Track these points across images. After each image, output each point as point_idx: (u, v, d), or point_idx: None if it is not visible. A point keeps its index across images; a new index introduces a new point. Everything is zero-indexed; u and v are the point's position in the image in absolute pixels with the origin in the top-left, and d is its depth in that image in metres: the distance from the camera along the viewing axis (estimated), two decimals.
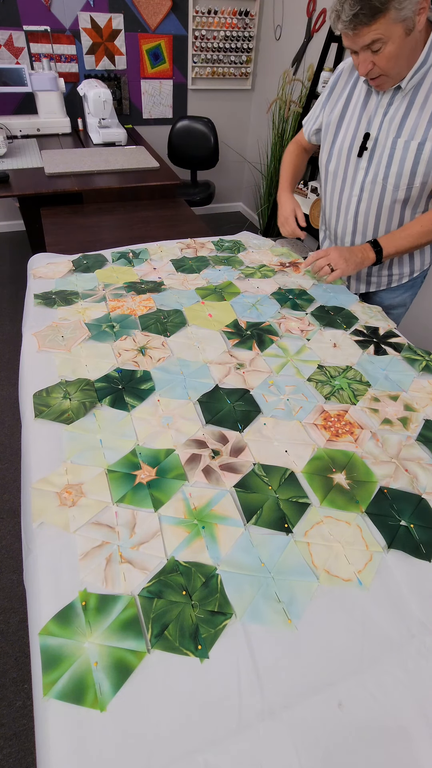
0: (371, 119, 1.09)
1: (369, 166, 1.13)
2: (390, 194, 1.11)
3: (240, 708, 0.48)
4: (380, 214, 1.17)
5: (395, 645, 0.53)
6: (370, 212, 1.18)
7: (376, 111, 1.08)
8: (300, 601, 0.56)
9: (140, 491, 0.67)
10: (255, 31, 3.12)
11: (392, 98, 1.04)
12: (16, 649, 1.26)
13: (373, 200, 1.15)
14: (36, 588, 0.57)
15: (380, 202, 1.14)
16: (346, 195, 1.21)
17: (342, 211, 1.24)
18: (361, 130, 1.11)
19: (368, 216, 1.19)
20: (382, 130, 1.07)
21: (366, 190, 1.15)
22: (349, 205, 1.21)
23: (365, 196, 1.16)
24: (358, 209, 1.20)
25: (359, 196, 1.17)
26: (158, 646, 0.51)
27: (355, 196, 1.18)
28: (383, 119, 1.07)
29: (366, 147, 1.11)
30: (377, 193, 1.14)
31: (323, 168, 1.27)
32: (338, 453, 0.75)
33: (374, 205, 1.16)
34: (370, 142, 1.10)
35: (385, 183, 1.11)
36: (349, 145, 1.15)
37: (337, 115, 1.16)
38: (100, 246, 1.43)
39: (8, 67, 2.35)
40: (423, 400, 0.86)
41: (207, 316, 1.06)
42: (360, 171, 1.15)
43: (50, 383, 0.85)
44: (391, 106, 1.05)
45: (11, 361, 2.25)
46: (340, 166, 1.20)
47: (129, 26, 2.86)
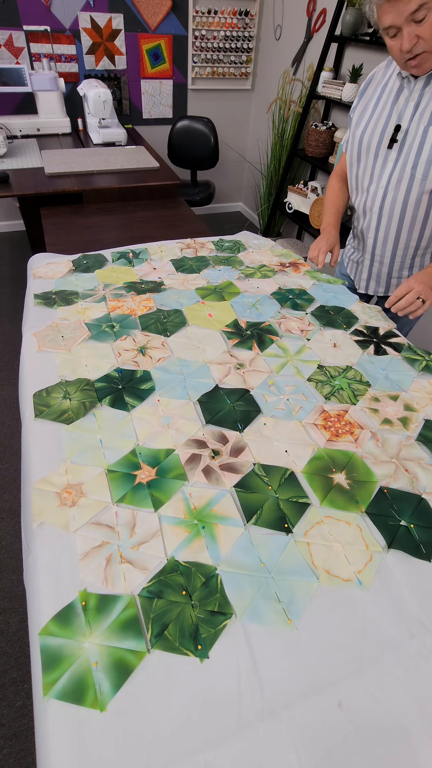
0: (402, 112, 1.09)
1: (398, 157, 1.12)
2: (418, 184, 1.11)
3: (240, 708, 0.48)
4: (406, 207, 1.16)
5: (395, 645, 0.53)
6: (395, 205, 1.17)
7: (407, 104, 1.08)
8: (300, 601, 0.56)
9: (140, 491, 0.67)
10: (255, 31, 3.12)
11: (423, 89, 1.05)
12: (16, 649, 1.26)
13: (400, 192, 1.15)
14: (36, 588, 0.57)
15: (407, 193, 1.14)
16: (373, 190, 1.20)
17: (368, 206, 1.24)
18: (392, 122, 1.11)
19: (393, 209, 1.18)
20: (413, 120, 1.07)
21: (393, 181, 1.15)
22: (374, 199, 1.21)
23: (392, 188, 1.16)
24: (383, 202, 1.19)
25: (385, 189, 1.17)
26: (158, 646, 0.51)
27: (382, 189, 1.18)
28: (415, 110, 1.07)
29: (396, 139, 1.11)
30: (404, 184, 1.13)
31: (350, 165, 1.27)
32: (338, 453, 0.75)
33: (400, 197, 1.15)
34: (401, 134, 1.10)
35: (414, 172, 1.10)
36: (379, 137, 1.15)
37: (369, 113, 1.17)
38: (100, 246, 1.43)
39: (8, 67, 2.35)
40: (423, 400, 0.86)
41: (207, 316, 1.06)
42: (389, 163, 1.15)
43: (50, 383, 0.85)
44: (423, 97, 1.05)
45: (11, 361, 2.25)
46: (369, 160, 1.19)
47: (129, 26, 2.86)
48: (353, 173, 1.27)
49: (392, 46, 0.98)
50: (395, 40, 0.96)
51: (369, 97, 1.18)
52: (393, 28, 0.93)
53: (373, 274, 1.34)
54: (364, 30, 2.16)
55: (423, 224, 1.18)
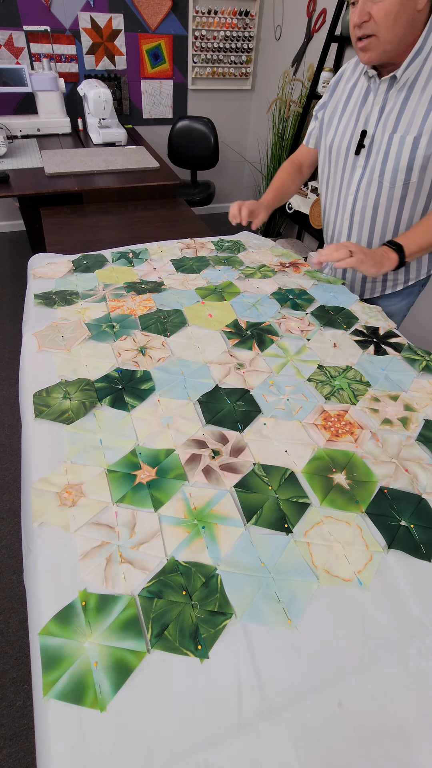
0: (368, 116, 1.08)
1: (366, 164, 1.11)
2: (386, 191, 1.10)
3: (240, 708, 0.48)
4: (376, 213, 1.16)
5: (395, 645, 0.53)
6: (366, 211, 1.17)
7: (373, 107, 1.06)
8: (300, 601, 0.56)
9: (140, 491, 0.67)
10: (255, 31, 3.12)
11: (387, 93, 1.03)
12: (16, 649, 1.26)
13: (369, 198, 1.14)
14: (36, 588, 0.57)
15: (376, 200, 1.13)
16: (343, 194, 1.20)
17: (339, 210, 1.24)
18: (359, 127, 1.10)
19: (364, 215, 1.18)
20: (379, 126, 1.06)
21: (362, 188, 1.14)
22: (345, 204, 1.21)
23: (361, 194, 1.15)
24: (354, 208, 1.19)
25: (355, 195, 1.17)
26: (158, 646, 0.51)
27: (352, 195, 1.17)
28: (380, 115, 1.05)
29: (363, 145, 1.10)
30: (373, 191, 1.12)
31: (322, 169, 1.27)
32: (338, 453, 0.75)
33: (370, 203, 1.15)
34: (367, 140, 1.09)
35: (381, 180, 1.09)
36: (347, 143, 1.13)
37: (338, 115, 1.16)
38: (100, 246, 1.43)
39: (8, 67, 2.35)
40: (423, 400, 0.86)
41: (207, 316, 1.06)
42: (357, 169, 1.14)
43: (50, 383, 0.85)
44: (387, 102, 1.04)
45: (11, 361, 2.25)
46: (339, 166, 1.19)
47: (129, 26, 2.86)
48: (324, 177, 1.27)
49: (350, 20, 0.95)
50: (353, 13, 0.93)
51: (338, 96, 1.16)
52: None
53: (348, 279, 1.34)
54: None
55: (395, 230, 1.17)
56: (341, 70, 1.18)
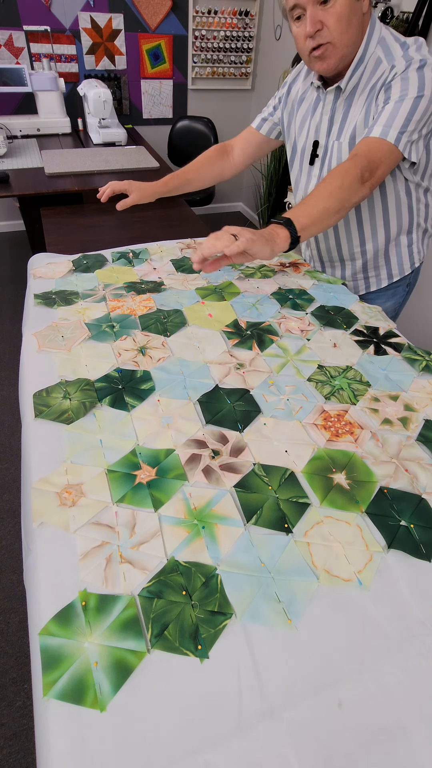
0: (318, 127, 1.10)
1: (320, 173, 1.14)
2: None
3: (240, 708, 0.48)
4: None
5: (395, 645, 0.53)
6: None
7: (322, 118, 1.09)
8: (300, 601, 0.56)
9: (140, 491, 0.67)
10: (255, 31, 3.12)
11: (335, 104, 1.05)
12: (16, 649, 1.26)
13: None
14: (36, 588, 0.57)
15: None
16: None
17: None
18: (311, 138, 1.13)
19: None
20: (330, 135, 1.09)
21: None
22: None
23: None
24: None
25: None
26: (158, 646, 0.51)
27: None
28: (330, 125, 1.08)
29: (317, 154, 1.12)
30: None
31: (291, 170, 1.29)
32: (338, 453, 0.75)
33: None
34: (320, 150, 1.11)
35: None
36: (301, 155, 1.17)
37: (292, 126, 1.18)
38: (100, 246, 1.43)
39: (8, 67, 2.35)
40: (423, 400, 0.86)
41: (207, 316, 1.06)
42: (312, 179, 1.17)
43: (50, 383, 0.85)
44: (335, 111, 1.06)
45: (11, 361, 2.25)
46: (300, 177, 1.22)
47: (129, 26, 2.86)
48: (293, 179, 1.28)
49: (297, 34, 0.93)
50: (300, 26, 0.90)
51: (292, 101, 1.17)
52: (298, 8, 0.88)
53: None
54: None
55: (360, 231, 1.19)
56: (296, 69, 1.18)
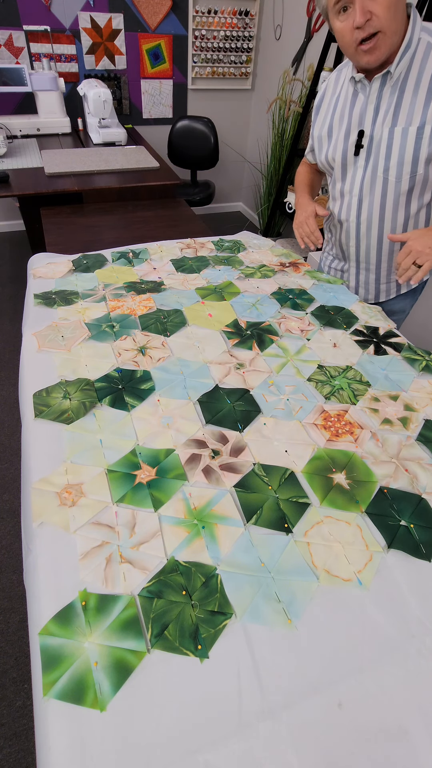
0: (362, 116, 1.06)
1: (367, 163, 1.09)
2: (393, 187, 1.08)
3: (240, 708, 0.48)
4: (384, 211, 1.13)
5: (395, 645, 0.53)
6: (373, 211, 1.14)
7: (367, 107, 1.05)
8: (300, 601, 0.56)
9: (140, 491, 0.67)
10: (255, 31, 3.12)
11: (381, 90, 1.02)
12: (16, 649, 1.26)
13: (375, 197, 1.12)
14: (36, 588, 0.57)
15: (383, 197, 1.11)
16: (346, 199, 1.18)
17: (343, 215, 1.21)
18: (354, 129, 1.08)
19: (371, 215, 1.15)
20: (376, 123, 1.05)
21: (366, 187, 1.12)
22: (350, 208, 1.18)
23: (366, 193, 1.13)
24: (360, 210, 1.16)
25: (359, 196, 1.14)
26: (158, 646, 0.51)
27: (356, 197, 1.15)
28: (376, 113, 1.04)
29: (362, 145, 1.08)
30: (379, 189, 1.10)
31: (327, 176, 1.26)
32: (338, 453, 0.75)
33: (377, 202, 1.12)
34: (366, 139, 1.07)
35: (386, 176, 1.07)
36: (343, 147, 1.12)
37: (327, 127, 1.15)
38: (100, 246, 1.43)
39: (8, 66, 2.35)
40: (423, 400, 0.86)
41: (207, 316, 1.06)
42: (358, 169, 1.12)
43: (50, 383, 0.85)
44: (381, 98, 1.02)
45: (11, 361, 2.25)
46: (338, 173, 1.17)
47: (129, 26, 2.86)
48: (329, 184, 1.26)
49: (342, 29, 0.92)
50: (346, 20, 0.90)
51: (326, 110, 1.16)
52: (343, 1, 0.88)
53: (361, 281, 1.32)
54: None
55: (404, 226, 1.14)
56: (324, 85, 1.17)
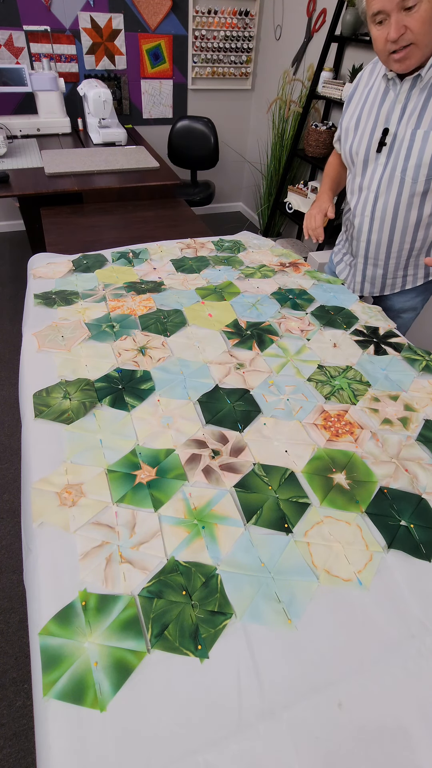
0: (389, 114, 1.09)
1: (387, 161, 1.12)
2: (408, 188, 1.11)
3: (240, 708, 0.48)
4: (398, 210, 1.16)
5: (395, 645, 0.53)
6: (387, 208, 1.17)
7: (394, 106, 1.07)
8: (300, 601, 0.56)
9: (140, 491, 0.67)
10: (255, 31, 3.12)
11: (410, 92, 1.04)
12: (16, 649, 1.26)
13: (391, 195, 1.15)
14: (36, 588, 0.57)
15: (398, 196, 1.14)
16: (364, 194, 1.21)
17: (360, 208, 1.24)
18: (380, 126, 1.11)
19: (385, 212, 1.18)
20: (401, 123, 1.07)
21: (384, 185, 1.15)
22: (366, 203, 1.21)
23: (383, 191, 1.16)
24: (375, 206, 1.19)
25: (376, 192, 1.17)
26: (158, 646, 0.51)
27: (373, 192, 1.18)
28: (402, 113, 1.06)
29: (385, 143, 1.11)
30: (395, 188, 1.13)
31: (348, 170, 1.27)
32: (338, 453, 0.75)
33: (392, 200, 1.15)
34: (389, 138, 1.10)
35: (404, 176, 1.10)
36: (368, 142, 1.14)
37: (355, 119, 1.17)
38: (100, 246, 1.43)
39: (8, 67, 2.35)
40: (423, 400, 0.86)
41: (207, 316, 1.06)
42: (378, 167, 1.15)
43: (50, 383, 0.85)
44: (409, 99, 1.05)
45: (11, 361, 2.25)
46: (359, 167, 1.19)
47: (129, 26, 2.86)
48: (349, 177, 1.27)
49: (377, 37, 0.97)
50: (381, 30, 0.94)
51: (356, 102, 1.18)
52: (381, 14, 0.92)
53: (368, 276, 1.34)
54: (364, 30, 2.16)
55: (416, 227, 1.18)
56: (357, 78, 1.19)
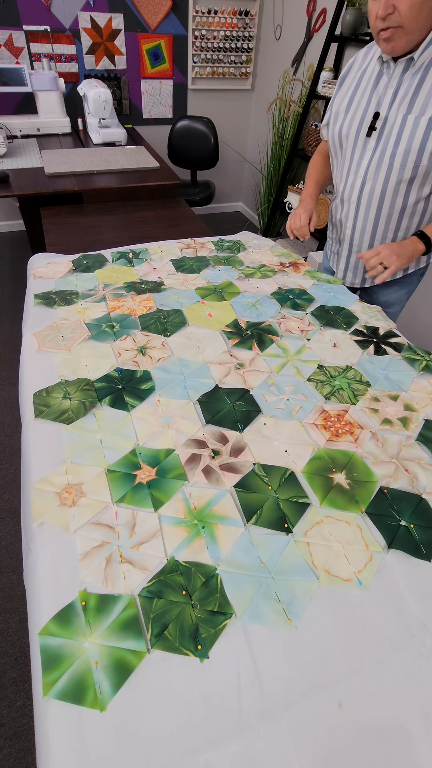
0: (381, 98, 1.08)
1: (377, 145, 1.12)
2: (396, 173, 1.10)
3: (240, 708, 0.48)
4: (384, 196, 1.16)
5: (395, 645, 0.53)
6: (373, 194, 1.17)
7: (386, 90, 1.07)
8: (300, 601, 0.56)
9: (140, 491, 0.67)
10: (255, 31, 3.12)
11: (402, 75, 1.04)
12: (16, 649, 1.26)
13: (378, 181, 1.14)
14: (36, 588, 0.57)
15: (385, 182, 1.13)
16: (351, 177, 1.20)
17: (346, 193, 1.23)
18: (371, 110, 1.10)
19: (371, 198, 1.18)
20: (392, 108, 1.06)
21: (371, 170, 1.14)
22: (353, 189, 1.21)
23: (370, 176, 1.15)
24: (362, 191, 1.19)
25: (364, 177, 1.17)
26: (158, 646, 0.51)
27: (360, 177, 1.17)
28: (394, 97, 1.06)
29: (375, 127, 1.10)
30: (383, 173, 1.13)
31: (333, 156, 1.26)
32: (338, 453, 0.75)
33: (378, 186, 1.15)
34: (380, 122, 1.09)
35: (392, 161, 1.10)
36: (358, 125, 1.14)
37: (347, 101, 1.16)
38: (100, 246, 1.43)
39: (8, 66, 2.35)
40: (423, 400, 0.86)
41: (207, 316, 1.06)
42: (367, 151, 1.14)
43: (50, 383, 0.85)
44: (402, 83, 1.04)
45: (11, 361, 2.25)
46: (348, 149, 1.19)
47: (129, 26, 2.86)
48: (336, 162, 1.27)
49: (371, 11, 0.97)
50: (374, 4, 0.94)
51: (349, 84, 1.17)
52: None
53: (351, 264, 1.34)
54: (364, 30, 2.16)
55: (400, 215, 1.17)
56: (351, 60, 1.18)
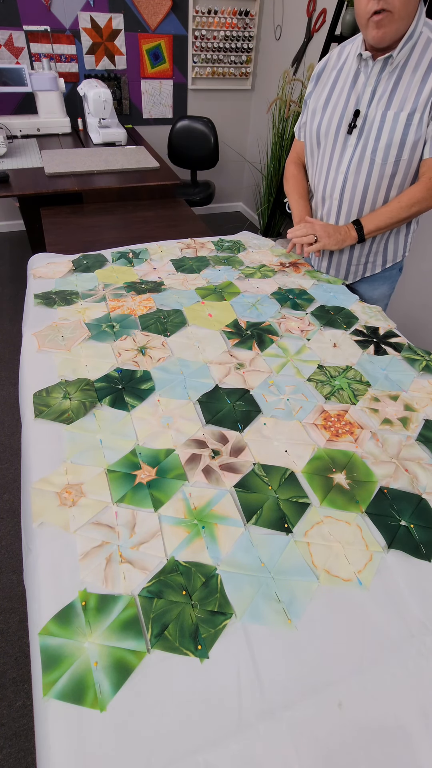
0: (360, 97, 1.10)
1: (358, 142, 1.13)
2: (378, 169, 1.12)
3: (240, 708, 0.48)
4: (366, 192, 1.17)
5: (395, 645, 0.53)
6: (356, 191, 1.18)
7: (365, 88, 1.09)
8: (300, 601, 0.56)
9: (140, 491, 0.67)
10: (255, 31, 3.12)
11: (380, 74, 1.06)
12: (16, 649, 1.26)
13: (360, 177, 1.15)
14: (36, 588, 0.57)
15: (367, 178, 1.15)
16: (332, 175, 1.21)
17: (328, 191, 1.24)
18: (350, 108, 1.12)
19: (354, 195, 1.19)
20: (371, 105, 1.09)
21: (353, 167, 1.15)
22: (335, 185, 1.21)
23: (352, 173, 1.16)
24: (344, 188, 1.19)
25: (345, 174, 1.18)
26: (158, 646, 0.51)
27: (342, 174, 1.18)
28: (373, 95, 1.08)
29: (355, 125, 1.12)
30: (365, 169, 1.14)
31: (310, 154, 1.27)
32: (338, 453, 0.75)
33: (361, 182, 1.16)
34: (360, 119, 1.11)
35: (374, 157, 1.11)
36: (338, 123, 1.15)
37: (324, 99, 1.17)
38: (100, 246, 1.43)
39: (8, 67, 2.35)
40: (423, 400, 0.86)
41: (207, 316, 1.06)
42: (348, 148, 1.15)
43: (50, 383, 0.85)
44: (379, 82, 1.06)
45: (11, 361, 2.25)
46: (328, 147, 1.20)
47: (129, 26, 2.86)
48: (314, 160, 1.28)
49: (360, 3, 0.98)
50: None
51: (325, 82, 1.18)
52: None
53: (333, 262, 1.35)
54: None
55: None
56: (326, 57, 1.19)
